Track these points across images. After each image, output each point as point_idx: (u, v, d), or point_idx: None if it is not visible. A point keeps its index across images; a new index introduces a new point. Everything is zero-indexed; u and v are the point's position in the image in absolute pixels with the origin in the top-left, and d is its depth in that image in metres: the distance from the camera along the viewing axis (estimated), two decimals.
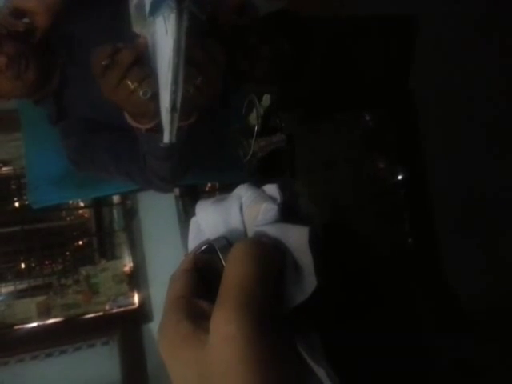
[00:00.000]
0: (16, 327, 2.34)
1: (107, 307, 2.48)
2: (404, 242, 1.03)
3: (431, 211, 1.10)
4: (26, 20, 1.11)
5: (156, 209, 2.23)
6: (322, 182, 1.08)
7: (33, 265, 2.86)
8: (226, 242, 0.31)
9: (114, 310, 2.45)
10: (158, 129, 0.74)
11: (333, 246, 0.38)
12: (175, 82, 0.59)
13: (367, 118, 1.09)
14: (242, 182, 0.35)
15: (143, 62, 0.69)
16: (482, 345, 0.64)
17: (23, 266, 2.84)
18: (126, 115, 0.82)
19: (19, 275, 2.76)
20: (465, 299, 0.80)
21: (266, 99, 1.04)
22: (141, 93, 0.69)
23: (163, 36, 0.58)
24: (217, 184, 2.05)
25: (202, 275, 0.32)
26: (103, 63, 0.70)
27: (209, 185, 2.16)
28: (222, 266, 0.30)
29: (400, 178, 1.06)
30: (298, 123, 1.11)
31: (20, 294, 2.61)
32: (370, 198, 1.07)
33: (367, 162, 1.10)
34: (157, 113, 0.67)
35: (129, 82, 0.70)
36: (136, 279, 2.46)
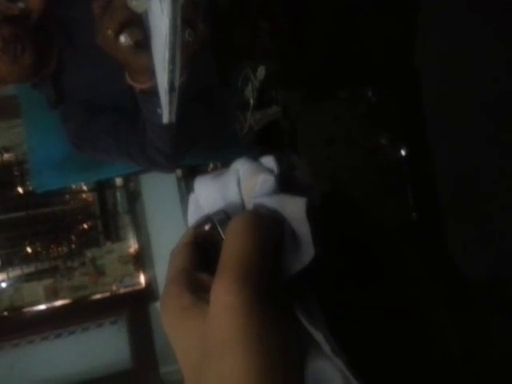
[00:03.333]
0: (25, 310, 2.38)
1: (114, 288, 2.51)
2: (408, 216, 1.03)
3: (434, 186, 1.10)
4: (20, 4, 1.10)
5: (159, 190, 2.25)
6: (323, 158, 1.07)
7: (39, 249, 2.89)
8: (224, 216, 0.31)
9: (121, 291, 2.49)
10: (153, 91, 0.76)
11: (332, 215, 0.39)
12: (172, 61, 0.59)
13: (369, 93, 1.08)
14: None
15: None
16: (485, 321, 0.65)
17: (29, 250, 2.87)
18: (126, 74, 0.84)
19: (26, 259, 2.78)
20: (466, 273, 0.81)
21: (261, 72, 1.03)
22: (122, 39, 0.72)
23: (159, 15, 0.57)
24: (219, 164, 2.05)
25: (202, 249, 0.32)
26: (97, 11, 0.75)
27: (211, 165, 2.16)
28: (222, 239, 0.30)
29: (403, 153, 1.06)
30: (300, 101, 1.10)
31: (27, 278, 2.64)
32: (373, 174, 1.07)
33: (370, 138, 1.09)
34: (147, 69, 0.69)
35: (110, 30, 0.73)
36: (141, 260, 2.48)
